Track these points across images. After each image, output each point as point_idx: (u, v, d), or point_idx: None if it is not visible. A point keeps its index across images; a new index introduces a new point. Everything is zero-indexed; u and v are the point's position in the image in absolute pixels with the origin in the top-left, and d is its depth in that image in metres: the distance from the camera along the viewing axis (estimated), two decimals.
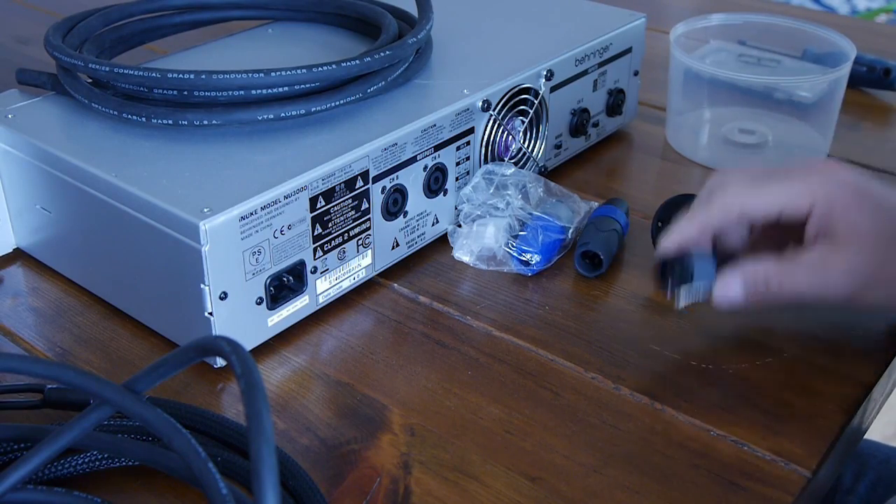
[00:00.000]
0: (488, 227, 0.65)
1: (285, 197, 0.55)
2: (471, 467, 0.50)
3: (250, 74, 0.59)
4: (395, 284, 0.64)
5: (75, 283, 0.64)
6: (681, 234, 0.56)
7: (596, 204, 0.69)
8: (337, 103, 0.61)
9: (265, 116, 0.59)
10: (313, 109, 0.60)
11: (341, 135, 0.61)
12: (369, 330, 0.60)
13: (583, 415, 0.54)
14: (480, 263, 0.65)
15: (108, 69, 0.60)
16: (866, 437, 0.67)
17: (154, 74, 0.59)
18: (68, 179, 0.58)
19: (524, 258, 0.65)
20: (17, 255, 0.67)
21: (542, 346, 0.59)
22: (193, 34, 0.78)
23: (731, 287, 0.54)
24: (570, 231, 0.67)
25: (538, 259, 0.65)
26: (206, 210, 0.52)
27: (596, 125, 0.80)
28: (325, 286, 0.60)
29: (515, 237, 0.65)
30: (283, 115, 0.60)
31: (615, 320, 0.61)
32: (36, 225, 0.64)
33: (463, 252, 0.66)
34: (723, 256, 0.56)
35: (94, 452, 0.47)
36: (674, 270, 0.56)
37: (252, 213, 0.54)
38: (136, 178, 0.56)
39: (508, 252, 0.65)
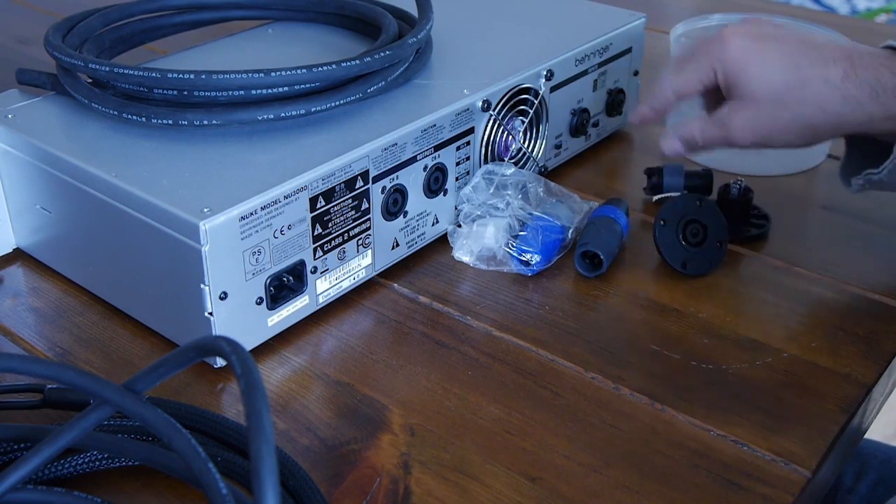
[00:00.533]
0: (488, 228, 0.65)
1: (285, 197, 0.55)
2: (471, 467, 0.50)
3: (250, 74, 0.59)
4: (395, 284, 0.64)
5: (75, 283, 0.64)
6: (640, 116, 0.69)
7: (596, 204, 0.69)
8: (337, 103, 0.61)
9: (265, 116, 0.59)
10: (313, 109, 0.60)
11: (341, 135, 0.61)
12: (369, 330, 0.60)
13: (583, 415, 0.54)
14: (480, 263, 0.65)
15: (108, 69, 0.60)
16: (866, 436, 0.67)
17: (154, 74, 0.59)
18: (68, 179, 0.58)
19: (524, 258, 0.65)
20: (17, 255, 0.67)
21: (542, 346, 0.59)
22: (193, 34, 0.78)
23: (672, 142, 0.66)
24: (570, 231, 0.67)
25: (538, 259, 0.65)
26: (206, 210, 0.52)
27: (596, 125, 0.80)
28: (325, 286, 0.60)
29: (515, 237, 0.65)
30: (283, 115, 0.60)
31: (615, 320, 0.61)
32: (36, 225, 0.64)
33: (463, 252, 0.66)
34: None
35: (94, 452, 0.47)
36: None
37: (252, 213, 0.54)
38: (136, 178, 0.56)
39: (508, 252, 0.65)
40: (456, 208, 0.68)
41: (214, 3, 0.76)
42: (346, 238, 0.60)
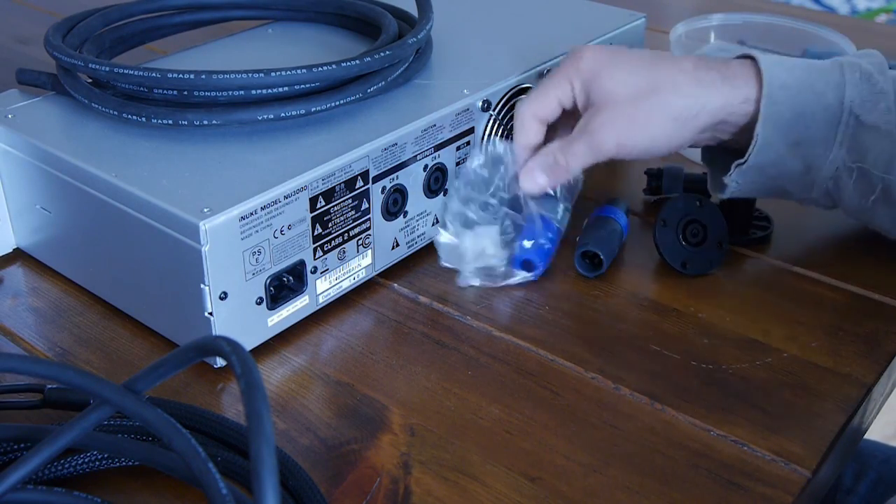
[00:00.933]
0: (485, 242, 0.63)
1: (285, 197, 0.55)
2: (471, 467, 0.50)
3: (250, 74, 0.59)
4: (395, 284, 0.64)
5: (75, 283, 0.64)
6: (522, 157, 0.65)
7: (582, 176, 0.66)
8: (337, 103, 0.61)
9: (265, 116, 0.59)
10: (313, 109, 0.60)
11: (341, 135, 0.61)
12: (369, 330, 0.60)
13: (583, 415, 0.54)
14: (486, 281, 0.63)
15: (108, 69, 0.60)
16: (866, 437, 0.67)
17: (154, 74, 0.59)
18: (68, 179, 0.58)
19: (526, 267, 0.63)
20: (17, 255, 0.67)
21: (542, 346, 0.59)
22: (193, 34, 0.78)
23: (533, 175, 0.64)
24: (563, 229, 0.65)
25: (541, 266, 0.64)
26: (206, 210, 0.52)
27: None
28: (325, 286, 0.60)
29: (511, 240, 0.63)
30: (283, 115, 0.60)
31: (615, 320, 0.61)
32: (36, 225, 0.64)
33: (466, 276, 0.63)
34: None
35: (94, 452, 0.47)
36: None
37: (252, 213, 0.54)
38: (136, 178, 0.56)
39: (508, 264, 0.63)
40: (445, 192, 0.66)
41: (214, 3, 0.76)
42: (346, 238, 0.60)
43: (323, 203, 0.58)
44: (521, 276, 0.63)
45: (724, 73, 0.61)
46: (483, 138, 0.67)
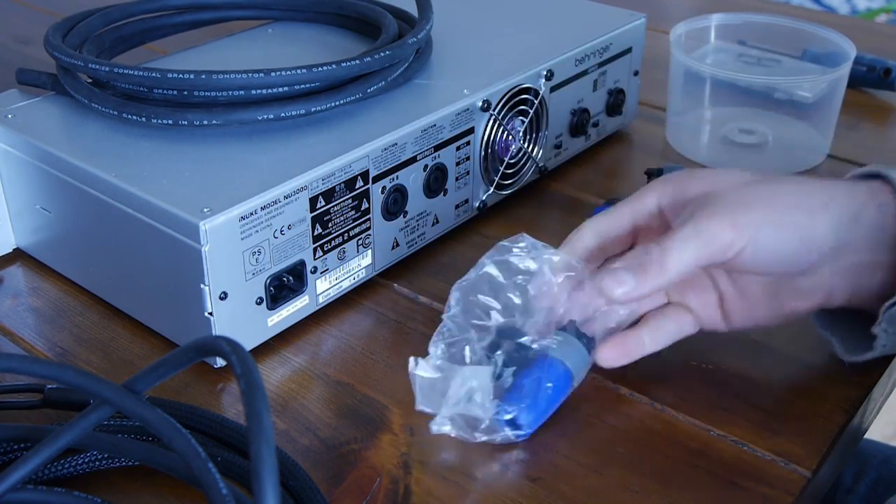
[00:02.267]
0: (473, 384, 0.50)
1: (285, 197, 0.55)
2: (471, 467, 0.50)
3: (250, 74, 0.59)
4: (395, 284, 0.64)
5: (75, 283, 0.64)
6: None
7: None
8: (337, 103, 0.61)
9: (265, 116, 0.59)
10: (313, 109, 0.60)
11: (341, 135, 0.61)
12: (369, 330, 0.60)
13: (583, 415, 0.54)
14: (464, 433, 0.50)
15: (108, 69, 0.60)
16: (866, 437, 0.67)
17: (154, 74, 0.59)
18: (68, 179, 0.58)
19: (508, 417, 0.50)
20: (17, 255, 0.67)
21: None
22: (193, 34, 0.78)
23: (617, 277, 0.49)
24: (577, 378, 0.53)
25: (530, 420, 0.51)
26: (206, 210, 0.52)
27: (596, 125, 0.80)
28: (325, 286, 0.60)
29: (501, 385, 0.51)
30: (283, 115, 0.60)
31: None
32: (36, 225, 0.64)
33: (439, 422, 0.50)
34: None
35: (94, 452, 0.47)
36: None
37: (252, 213, 0.54)
38: (136, 178, 0.56)
39: (495, 418, 0.50)
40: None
41: (214, 3, 0.76)
42: (346, 238, 0.60)
43: (323, 203, 0.58)
44: (502, 435, 0.50)
45: (857, 212, 0.50)
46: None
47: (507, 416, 0.50)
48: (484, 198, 0.70)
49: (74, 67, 0.62)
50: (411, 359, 0.51)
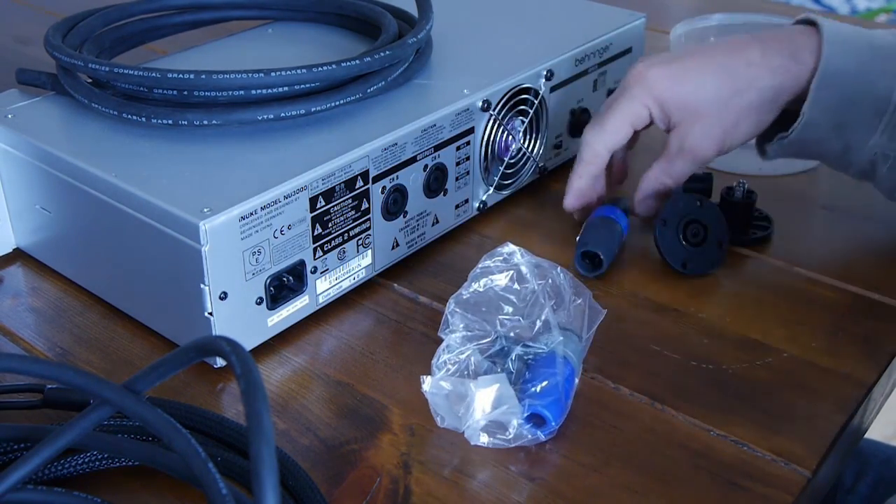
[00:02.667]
0: (496, 394, 0.50)
1: (285, 197, 0.55)
2: (471, 467, 0.50)
3: (250, 74, 0.59)
4: (395, 284, 0.64)
5: (75, 283, 0.64)
6: (577, 194, 0.68)
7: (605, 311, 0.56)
8: (337, 103, 0.61)
9: (265, 116, 0.59)
10: (313, 109, 0.60)
11: (341, 135, 0.61)
12: (369, 330, 0.60)
13: (583, 415, 0.53)
14: (499, 441, 0.51)
15: (108, 69, 0.60)
16: (866, 437, 0.67)
17: (154, 74, 0.59)
18: (68, 179, 0.58)
19: (538, 417, 0.51)
20: (17, 255, 0.67)
21: None
22: (193, 34, 0.78)
23: (646, 203, 0.67)
24: (578, 373, 0.54)
25: (557, 415, 0.51)
26: (206, 210, 0.52)
27: None
28: (325, 286, 0.60)
29: (516, 386, 0.51)
30: (283, 115, 0.60)
31: (615, 320, 0.61)
32: (36, 225, 0.64)
33: (476, 436, 0.51)
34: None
35: (94, 452, 0.47)
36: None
37: (252, 213, 0.54)
38: (136, 178, 0.56)
39: (519, 421, 0.50)
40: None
41: (214, 3, 0.76)
42: (346, 238, 0.60)
43: (323, 203, 0.58)
44: (533, 434, 0.51)
45: (791, 50, 0.63)
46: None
47: (537, 416, 0.51)
48: (484, 198, 0.70)
49: (74, 67, 0.62)
50: (422, 378, 0.51)
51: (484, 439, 0.51)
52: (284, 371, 0.57)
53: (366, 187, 0.60)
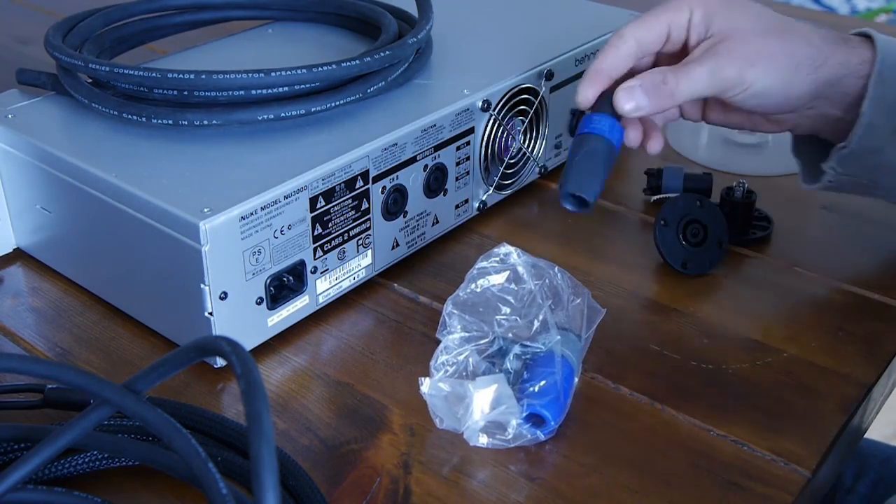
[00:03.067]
0: (493, 394, 0.50)
1: (285, 197, 0.55)
2: (471, 467, 0.50)
3: (250, 74, 0.59)
4: (395, 284, 0.64)
5: (75, 283, 0.64)
6: (593, 81, 0.59)
7: (604, 310, 0.56)
8: (337, 103, 0.61)
9: (265, 116, 0.59)
10: (313, 109, 0.60)
11: (341, 135, 0.61)
12: (369, 330, 0.60)
13: (583, 415, 0.53)
14: (498, 441, 0.51)
15: (108, 69, 0.60)
16: (866, 436, 0.67)
17: (154, 74, 0.59)
18: (68, 179, 0.58)
19: (536, 417, 0.51)
20: (17, 255, 0.67)
21: None
22: (193, 34, 0.78)
23: (632, 93, 0.57)
24: (577, 372, 0.54)
25: (556, 414, 0.51)
26: (206, 210, 0.52)
27: None
28: (325, 286, 0.60)
29: (515, 386, 0.51)
30: (283, 115, 0.60)
31: (615, 320, 0.61)
32: (36, 225, 0.64)
33: (475, 437, 0.51)
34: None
35: (94, 452, 0.47)
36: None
37: (252, 213, 0.54)
38: (136, 178, 0.56)
39: (518, 421, 0.50)
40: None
41: (214, 3, 0.76)
42: (346, 238, 0.60)
43: (323, 203, 0.58)
44: (532, 434, 0.50)
45: (845, 37, 0.59)
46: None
47: (536, 416, 0.51)
48: (484, 198, 0.70)
49: (74, 67, 0.62)
50: (420, 379, 0.51)
51: (483, 440, 0.51)
52: (284, 371, 0.57)
53: (366, 187, 0.60)
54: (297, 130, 0.61)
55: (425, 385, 0.51)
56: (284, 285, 0.57)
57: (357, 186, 0.59)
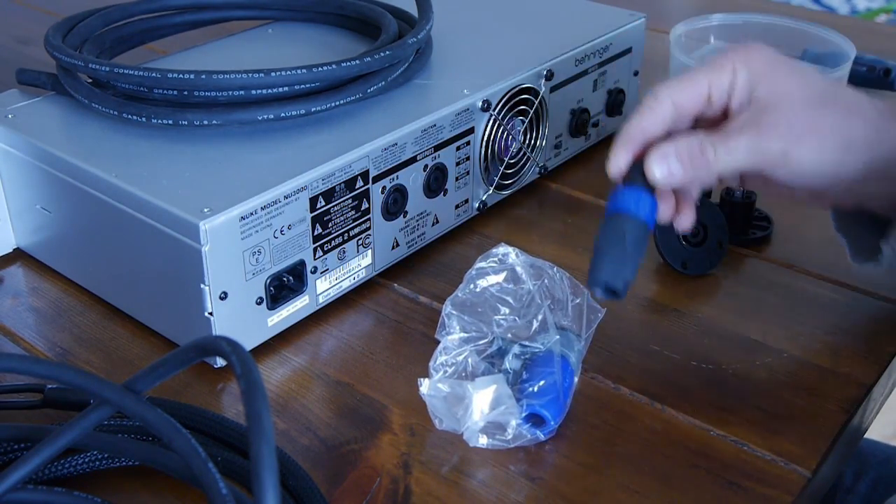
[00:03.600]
0: (491, 394, 0.50)
1: (285, 197, 0.55)
2: (471, 467, 0.50)
3: (250, 74, 0.59)
4: (395, 284, 0.64)
5: (75, 283, 0.64)
6: (626, 147, 0.53)
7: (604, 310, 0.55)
8: (337, 103, 0.61)
9: (265, 116, 0.59)
10: (313, 109, 0.60)
11: (341, 135, 0.61)
12: (369, 330, 0.60)
13: (583, 415, 0.53)
14: (498, 442, 0.51)
15: (108, 69, 0.60)
16: (866, 436, 0.67)
17: (154, 74, 0.59)
18: (68, 179, 0.58)
19: (536, 417, 0.51)
20: (17, 255, 0.67)
21: None
22: (193, 34, 0.78)
23: (666, 160, 0.51)
24: (577, 372, 0.54)
25: (555, 414, 0.51)
26: (206, 210, 0.52)
27: (596, 125, 0.80)
28: (325, 286, 0.60)
29: (514, 387, 0.51)
30: (283, 115, 0.60)
31: (615, 320, 0.61)
32: (36, 225, 0.64)
33: (474, 438, 0.51)
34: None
35: (94, 452, 0.47)
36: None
37: (252, 213, 0.54)
38: (136, 178, 0.56)
39: (518, 422, 0.51)
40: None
41: (215, 3, 0.76)
42: (346, 238, 0.60)
43: (323, 203, 0.58)
44: (532, 434, 0.51)
45: None
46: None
47: (536, 416, 0.51)
48: (484, 198, 0.70)
49: (74, 67, 0.62)
50: (419, 380, 0.51)
51: (483, 441, 0.50)
52: (284, 371, 0.57)
53: (366, 187, 0.60)
54: (297, 130, 0.61)
55: (424, 386, 0.51)
56: (284, 285, 0.57)
57: (357, 186, 0.59)
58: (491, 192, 0.71)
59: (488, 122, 0.68)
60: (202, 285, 0.53)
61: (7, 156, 0.62)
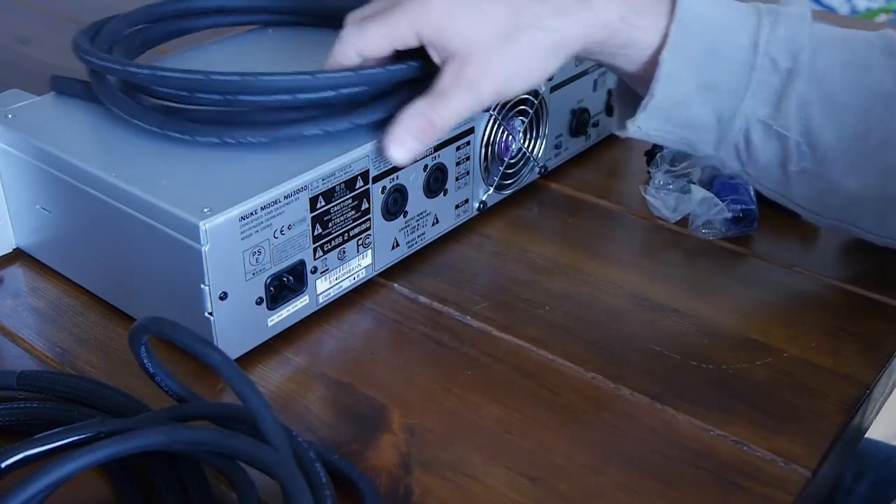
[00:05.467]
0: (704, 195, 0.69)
1: (285, 197, 0.55)
2: (471, 467, 0.50)
3: (296, 76, 0.57)
4: (395, 284, 0.64)
5: (75, 283, 0.64)
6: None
7: None
8: (386, 115, 0.59)
9: (313, 132, 0.58)
10: (357, 123, 0.58)
11: (341, 134, 0.60)
12: (369, 330, 0.60)
13: (583, 415, 0.54)
14: (712, 231, 0.68)
15: (148, 72, 0.58)
16: (866, 436, 0.67)
17: (197, 76, 0.56)
18: (68, 179, 0.58)
19: (741, 216, 0.69)
20: (17, 255, 0.67)
21: (542, 346, 0.59)
22: (194, 35, 0.77)
23: (403, 143, 0.56)
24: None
25: (753, 210, 0.69)
26: (206, 210, 0.52)
27: (596, 125, 0.80)
28: (325, 286, 0.60)
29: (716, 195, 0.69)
30: (329, 129, 0.58)
31: (615, 320, 0.61)
32: (36, 225, 0.64)
33: (700, 223, 0.69)
34: None
35: None
36: None
37: (252, 213, 0.54)
38: (136, 178, 0.56)
39: (723, 217, 0.68)
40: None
41: (241, 6, 0.75)
42: (346, 238, 0.60)
43: (323, 203, 0.58)
44: (739, 228, 0.69)
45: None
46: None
47: (741, 214, 0.69)
48: (484, 198, 0.70)
49: (110, 71, 0.60)
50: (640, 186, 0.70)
51: (707, 234, 0.68)
52: (284, 371, 0.57)
53: (366, 187, 0.60)
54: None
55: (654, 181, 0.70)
56: (284, 285, 0.57)
57: (357, 186, 0.59)
58: (491, 192, 0.71)
59: (488, 122, 0.68)
60: (202, 285, 0.53)
61: (7, 156, 0.62)
